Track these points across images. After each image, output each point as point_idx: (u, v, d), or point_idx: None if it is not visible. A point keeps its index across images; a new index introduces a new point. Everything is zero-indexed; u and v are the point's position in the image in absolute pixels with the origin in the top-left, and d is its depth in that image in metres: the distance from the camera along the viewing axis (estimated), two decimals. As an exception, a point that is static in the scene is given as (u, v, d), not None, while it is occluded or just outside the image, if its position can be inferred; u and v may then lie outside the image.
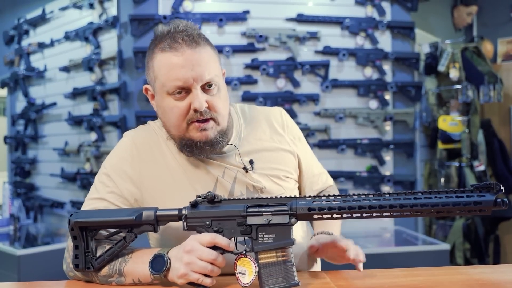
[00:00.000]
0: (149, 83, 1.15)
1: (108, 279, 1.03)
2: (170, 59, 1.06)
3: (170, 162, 1.14)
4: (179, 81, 1.05)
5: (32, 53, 3.82)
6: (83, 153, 3.27)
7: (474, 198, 0.89)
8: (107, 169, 1.14)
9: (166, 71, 1.06)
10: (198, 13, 3.08)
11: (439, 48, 3.39)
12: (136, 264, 1.02)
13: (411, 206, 0.90)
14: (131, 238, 1.02)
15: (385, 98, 3.21)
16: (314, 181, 1.31)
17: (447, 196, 0.90)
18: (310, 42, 3.19)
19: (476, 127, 3.36)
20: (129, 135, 1.19)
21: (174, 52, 1.06)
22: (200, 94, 1.07)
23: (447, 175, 3.33)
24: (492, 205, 0.88)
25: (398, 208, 0.90)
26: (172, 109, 1.08)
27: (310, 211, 0.94)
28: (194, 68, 1.06)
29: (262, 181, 1.16)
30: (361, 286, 1.02)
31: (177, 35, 1.07)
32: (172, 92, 1.07)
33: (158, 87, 1.10)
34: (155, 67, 1.09)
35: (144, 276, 1.01)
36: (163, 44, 1.07)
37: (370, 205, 0.91)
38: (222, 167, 1.15)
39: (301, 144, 1.29)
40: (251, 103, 2.99)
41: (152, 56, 1.10)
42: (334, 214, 0.93)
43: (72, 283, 1.09)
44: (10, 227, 3.17)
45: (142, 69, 3.03)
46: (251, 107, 1.30)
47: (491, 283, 1.01)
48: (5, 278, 2.59)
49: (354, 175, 3.16)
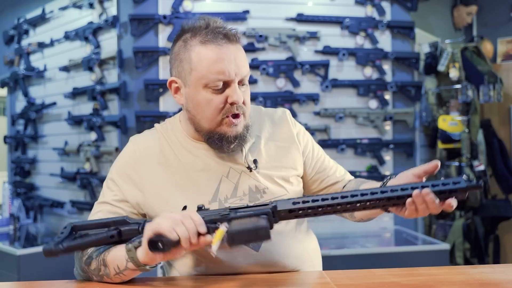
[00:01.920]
0: (177, 75, 1.14)
1: (99, 272, 1.04)
2: (213, 52, 1.07)
3: (173, 165, 1.15)
4: (222, 74, 1.07)
5: (32, 53, 3.82)
6: (83, 153, 3.27)
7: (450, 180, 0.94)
8: (112, 174, 1.18)
9: (209, 63, 1.07)
10: (198, 12, 3.07)
11: (439, 48, 3.39)
12: (116, 249, 1.03)
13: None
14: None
15: (385, 98, 3.21)
16: (330, 174, 1.31)
17: (423, 186, 0.95)
18: (310, 42, 3.19)
19: (476, 127, 3.36)
20: (134, 140, 1.21)
21: (218, 46, 1.07)
22: (238, 88, 1.09)
23: (447, 175, 3.33)
24: (466, 185, 0.92)
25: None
26: (209, 102, 1.09)
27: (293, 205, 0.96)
28: (236, 62, 1.08)
29: (265, 181, 1.17)
30: (361, 286, 1.02)
31: (218, 30, 1.08)
32: (212, 85, 1.08)
33: (195, 79, 1.09)
34: (193, 59, 1.08)
35: (120, 260, 1.00)
36: (203, 37, 1.08)
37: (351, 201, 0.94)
38: (227, 167, 1.16)
39: (306, 139, 1.29)
40: (251, 103, 2.98)
41: (187, 48, 1.10)
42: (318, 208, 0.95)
43: (72, 283, 1.09)
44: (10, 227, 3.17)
45: (142, 69, 3.03)
46: (255, 107, 1.30)
47: (491, 283, 1.01)
48: (5, 278, 2.59)
49: (354, 175, 3.14)
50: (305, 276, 1.12)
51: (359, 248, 2.68)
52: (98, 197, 1.20)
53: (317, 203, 0.95)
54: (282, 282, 1.06)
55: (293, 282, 1.07)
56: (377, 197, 0.94)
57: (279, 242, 1.15)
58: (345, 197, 0.95)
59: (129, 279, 1.07)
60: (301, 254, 1.19)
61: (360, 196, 0.94)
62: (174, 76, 1.15)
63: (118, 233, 1.01)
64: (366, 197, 0.94)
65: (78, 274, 1.11)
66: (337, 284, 1.02)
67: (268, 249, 1.13)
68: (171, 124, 1.22)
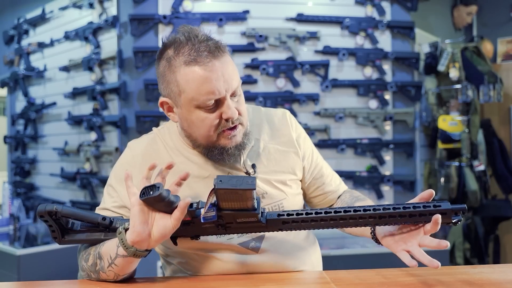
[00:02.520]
0: (167, 96, 1.10)
1: (96, 268, 1.05)
2: (200, 73, 1.02)
3: (171, 170, 1.14)
4: (213, 94, 1.03)
5: (32, 53, 3.82)
6: (83, 153, 3.27)
7: (433, 203, 0.97)
8: (111, 180, 1.18)
9: (197, 85, 1.03)
10: (198, 12, 3.08)
11: (439, 48, 3.39)
12: (110, 241, 1.04)
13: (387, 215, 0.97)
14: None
15: (385, 98, 3.21)
16: (326, 182, 1.29)
17: (405, 207, 0.98)
18: (310, 42, 3.19)
19: (476, 127, 3.36)
20: (131, 146, 1.21)
21: (203, 66, 1.02)
22: (231, 103, 1.06)
23: (447, 175, 3.33)
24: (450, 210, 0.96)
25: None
26: (203, 121, 1.06)
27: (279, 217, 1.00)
28: (225, 78, 1.04)
29: (265, 186, 1.16)
30: (361, 286, 1.02)
31: (200, 46, 1.03)
32: (204, 105, 1.05)
33: (185, 101, 1.06)
34: (180, 81, 1.05)
35: (112, 249, 1.01)
36: (186, 57, 1.03)
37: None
38: (225, 173, 1.15)
39: (306, 144, 1.28)
40: (251, 103, 2.99)
41: (172, 69, 1.05)
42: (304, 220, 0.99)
43: (72, 283, 1.09)
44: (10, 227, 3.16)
45: (142, 69, 3.03)
46: (255, 108, 1.28)
47: (491, 283, 1.00)
48: (5, 278, 2.59)
49: (354, 175, 3.16)
50: (305, 276, 1.12)
51: (359, 248, 2.68)
52: (98, 197, 1.21)
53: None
54: (282, 282, 1.06)
55: (293, 282, 1.07)
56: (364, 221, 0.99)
57: (279, 243, 1.15)
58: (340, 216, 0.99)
59: (127, 278, 1.07)
60: (301, 255, 1.19)
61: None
62: (164, 97, 1.12)
63: (110, 220, 1.04)
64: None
65: (80, 276, 1.12)
66: (337, 284, 1.02)
67: (269, 249, 1.13)
68: (168, 128, 1.21)
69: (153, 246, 0.99)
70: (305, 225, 1.00)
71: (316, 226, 1.00)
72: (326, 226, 1.00)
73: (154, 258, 2.74)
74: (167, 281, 1.11)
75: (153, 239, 0.97)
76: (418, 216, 0.97)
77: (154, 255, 1.23)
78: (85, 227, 1.06)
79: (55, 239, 1.05)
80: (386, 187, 3.22)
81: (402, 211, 0.96)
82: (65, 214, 1.01)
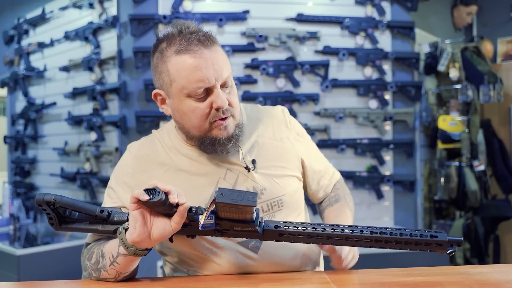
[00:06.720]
0: (160, 87, 1.13)
1: (98, 266, 1.06)
2: (190, 61, 1.04)
3: (170, 170, 1.16)
4: (202, 82, 1.05)
5: (32, 53, 3.82)
6: (83, 153, 3.27)
7: (430, 233, 0.99)
8: (111, 182, 1.19)
9: (187, 73, 1.05)
10: (198, 13, 3.08)
11: (439, 48, 3.39)
12: (112, 241, 1.05)
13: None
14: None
15: (385, 98, 3.21)
16: (321, 176, 1.32)
17: (402, 233, 1.00)
18: (310, 42, 3.19)
19: (476, 127, 3.36)
20: (130, 148, 1.22)
21: (192, 54, 1.04)
22: (221, 92, 1.07)
23: (447, 175, 3.33)
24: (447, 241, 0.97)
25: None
26: (194, 110, 1.08)
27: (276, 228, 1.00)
28: (214, 67, 1.06)
29: (264, 181, 1.16)
30: (361, 286, 1.02)
31: (191, 36, 1.05)
32: (194, 94, 1.06)
33: (176, 90, 1.08)
34: (171, 71, 1.07)
35: (114, 248, 1.02)
36: (177, 47, 1.05)
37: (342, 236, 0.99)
38: (224, 168, 1.15)
39: (304, 140, 1.29)
40: (251, 103, 2.98)
41: (164, 59, 1.08)
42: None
43: (72, 283, 1.09)
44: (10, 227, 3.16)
45: (142, 69, 3.03)
46: (253, 106, 1.30)
47: (491, 283, 1.00)
48: (5, 278, 2.59)
49: (354, 175, 3.16)
50: (305, 276, 1.12)
51: (359, 248, 2.67)
52: (98, 197, 1.21)
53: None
54: (283, 282, 1.06)
55: (293, 282, 1.07)
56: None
57: (280, 243, 1.15)
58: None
59: (129, 278, 1.07)
60: (302, 255, 1.19)
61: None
62: (157, 89, 1.14)
63: (107, 212, 1.03)
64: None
65: (84, 277, 1.13)
66: (337, 284, 1.02)
67: (270, 250, 1.13)
68: (167, 130, 1.23)
69: (152, 245, 1.00)
70: (301, 239, 1.01)
71: (313, 241, 1.01)
72: (322, 242, 1.01)
73: (154, 258, 2.75)
74: (167, 281, 1.11)
75: (153, 240, 0.98)
76: (414, 245, 0.98)
77: (154, 255, 1.23)
78: (83, 217, 1.06)
79: (52, 225, 1.05)
80: (386, 187, 3.22)
81: (399, 237, 0.98)
82: (63, 205, 1.01)
